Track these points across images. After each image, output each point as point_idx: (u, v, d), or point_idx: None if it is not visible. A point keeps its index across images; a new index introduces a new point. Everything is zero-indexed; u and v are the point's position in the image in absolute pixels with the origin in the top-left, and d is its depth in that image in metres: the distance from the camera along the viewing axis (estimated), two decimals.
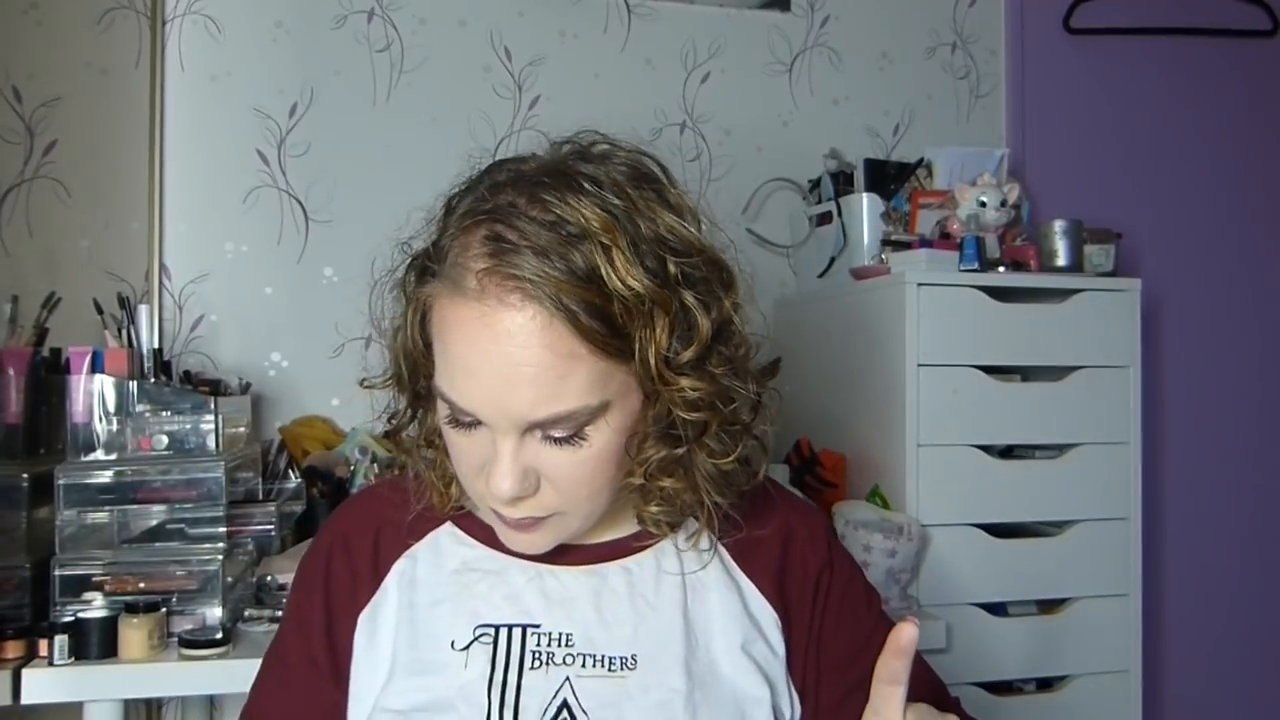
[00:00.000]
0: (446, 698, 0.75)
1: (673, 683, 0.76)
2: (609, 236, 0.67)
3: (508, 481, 0.70)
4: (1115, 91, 2.31)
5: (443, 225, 0.73)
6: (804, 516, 0.88)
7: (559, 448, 0.71)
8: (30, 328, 1.47)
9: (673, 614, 0.79)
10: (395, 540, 0.82)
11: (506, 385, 0.67)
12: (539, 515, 0.74)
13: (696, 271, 0.72)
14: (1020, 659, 1.67)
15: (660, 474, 0.75)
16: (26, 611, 1.28)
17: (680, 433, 0.74)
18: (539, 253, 0.66)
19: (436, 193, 0.77)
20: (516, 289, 0.66)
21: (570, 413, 0.69)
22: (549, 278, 0.65)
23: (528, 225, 0.67)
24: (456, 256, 0.69)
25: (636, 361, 0.69)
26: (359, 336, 1.93)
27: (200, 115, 1.91)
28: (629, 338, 0.68)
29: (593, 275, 0.66)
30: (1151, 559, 1.92)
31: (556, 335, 0.66)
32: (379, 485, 0.91)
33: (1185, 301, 2.31)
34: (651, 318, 0.68)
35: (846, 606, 0.86)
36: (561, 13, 2.07)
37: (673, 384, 0.71)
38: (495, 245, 0.67)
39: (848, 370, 1.80)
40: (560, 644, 0.77)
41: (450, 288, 0.69)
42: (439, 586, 0.80)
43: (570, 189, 0.68)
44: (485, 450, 0.72)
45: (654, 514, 0.79)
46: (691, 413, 0.72)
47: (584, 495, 0.74)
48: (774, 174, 2.14)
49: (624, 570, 0.81)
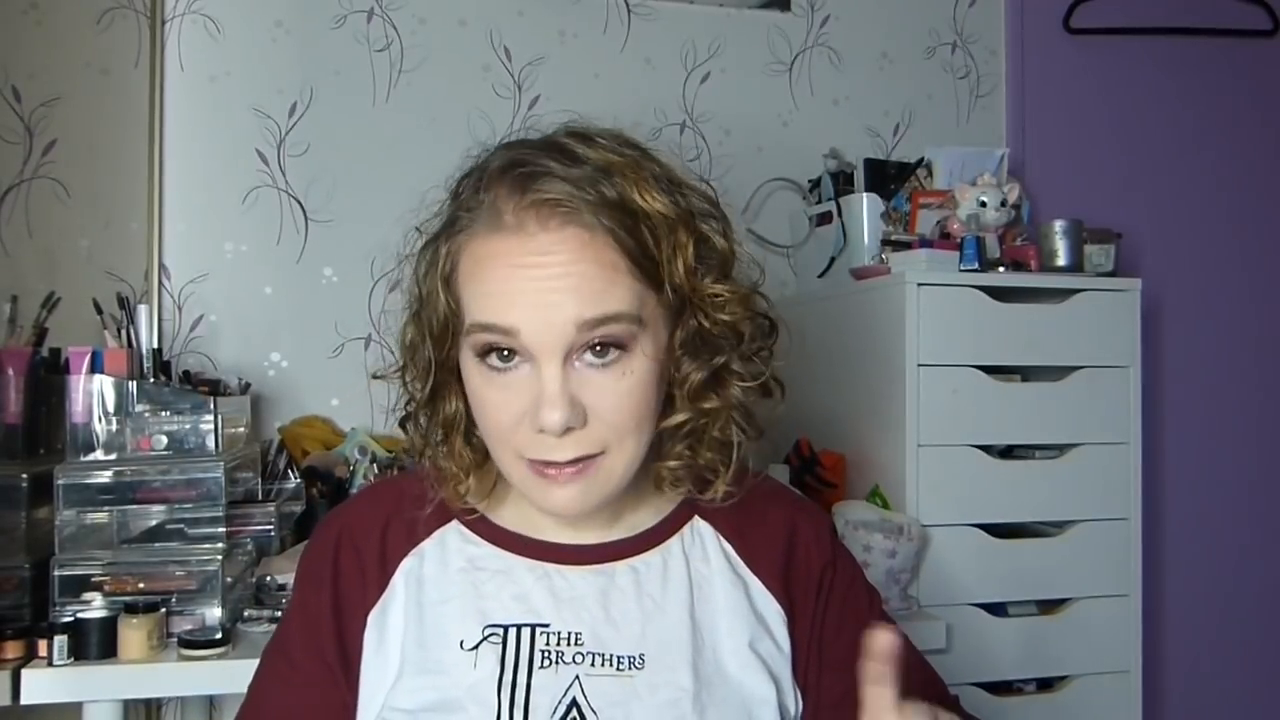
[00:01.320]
0: (456, 697, 0.75)
1: (680, 682, 0.76)
2: (631, 170, 0.73)
3: (558, 410, 0.70)
4: (1115, 91, 2.31)
5: (458, 194, 0.77)
6: (808, 515, 0.89)
7: (603, 372, 0.72)
8: (30, 328, 1.47)
9: (680, 614, 0.79)
10: (402, 537, 0.82)
11: (553, 297, 0.70)
12: (589, 453, 0.73)
13: (703, 205, 0.79)
14: (1020, 659, 1.66)
15: (701, 393, 0.78)
16: (26, 612, 1.28)
17: (713, 347, 0.78)
18: (572, 182, 0.71)
19: (437, 192, 0.78)
20: (554, 214, 0.71)
21: (616, 313, 0.71)
22: (585, 201, 0.71)
23: (556, 164, 0.72)
24: (489, 201, 0.73)
25: (667, 287, 0.74)
26: (359, 336, 1.93)
27: (200, 115, 1.91)
28: (658, 263, 0.73)
29: (623, 200, 0.72)
30: (1151, 559, 1.91)
31: (598, 249, 0.71)
32: (383, 483, 0.91)
33: (1185, 301, 2.31)
34: (677, 237, 0.74)
35: (848, 606, 0.86)
36: (561, 12, 2.07)
37: (703, 292, 0.76)
38: (528, 182, 0.72)
39: (848, 370, 1.80)
40: (570, 643, 0.77)
41: (485, 228, 0.72)
42: (447, 585, 0.80)
43: (584, 141, 0.75)
44: (524, 395, 0.72)
45: (674, 470, 0.80)
46: (726, 316, 0.77)
47: (631, 425, 0.74)
48: (774, 174, 2.14)
49: (631, 570, 0.81)
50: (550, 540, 0.82)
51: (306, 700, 0.80)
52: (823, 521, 0.90)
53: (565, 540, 0.82)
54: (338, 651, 0.79)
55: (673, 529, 0.84)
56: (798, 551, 0.85)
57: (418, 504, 0.82)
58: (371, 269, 1.92)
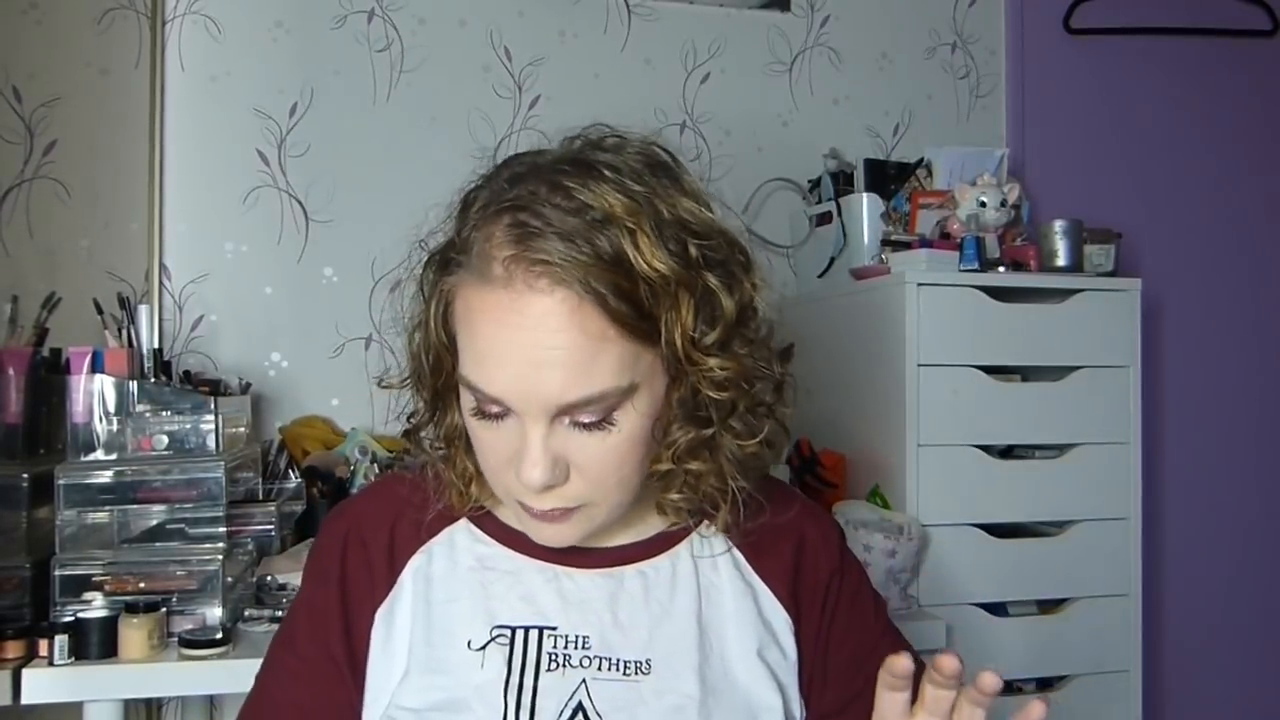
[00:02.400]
0: (462, 697, 0.75)
1: (686, 688, 0.76)
2: (633, 220, 0.68)
3: (539, 470, 0.69)
4: (1115, 91, 2.31)
5: (461, 219, 0.73)
6: (817, 521, 0.88)
7: (588, 433, 0.70)
8: (30, 328, 1.47)
9: (687, 619, 0.79)
10: (411, 535, 0.81)
11: (536, 369, 0.67)
12: (568, 506, 0.73)
13: (716, 254, 0.72)
14: (1020, 659, 1.66)
15: (688, 457, 0.75)
16: (26, 611, 1.28)
17: (706, 414, 0.74)
18: (565, 237, 0.66)
19: (437, 192, 0.77)
20: (544, 274, 0.66)
21: (601, 394, 0.68)
22: (577, 261, 0.66)
23: (552, 212, 0.67)
24: (480, 246, 0.69)
25: (663, 344, 0.70)
26: (359, 336, 1.93)
27: (200, 115, 1.91)
28: (655, 320, 0.69)
29: (619, 258, 0.67)
30: (1151, 559, 1.92)
31: (586, 317, 0.67)
32: (390, 479, 0.90)
33: (1185, 301, 2.31)
34: (677, 299, 0.69)
35: (855, 614, 0.86)
36: (561, 13, 2.07)
37: (700, 364, 0.71)
38: (520, 232, 0.67)
39: (848, 370, 1.80)
40: (577, 646, 0.76)
41: (475, 277, 0.69)
42: (455, 584, 0.79)
43: (591, 176, 0.69)
44: (512, 441, 0.71)
45: (675, 501, 0.79)
46: (719, 392, 0.73)
47: (613, 483, 0.73)
48: (774, 174, 2.14)
49: (640, 574, 0.81)
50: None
51: (312, 695, 0.79)
52: (832, 529, 0.89)
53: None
54: (345, 648, 0.79)
55: (682, 534, 0.83)
56: (806, 559, 0.85)
57: (425, 501, 0.82)
58: (372, 269, 1.92)
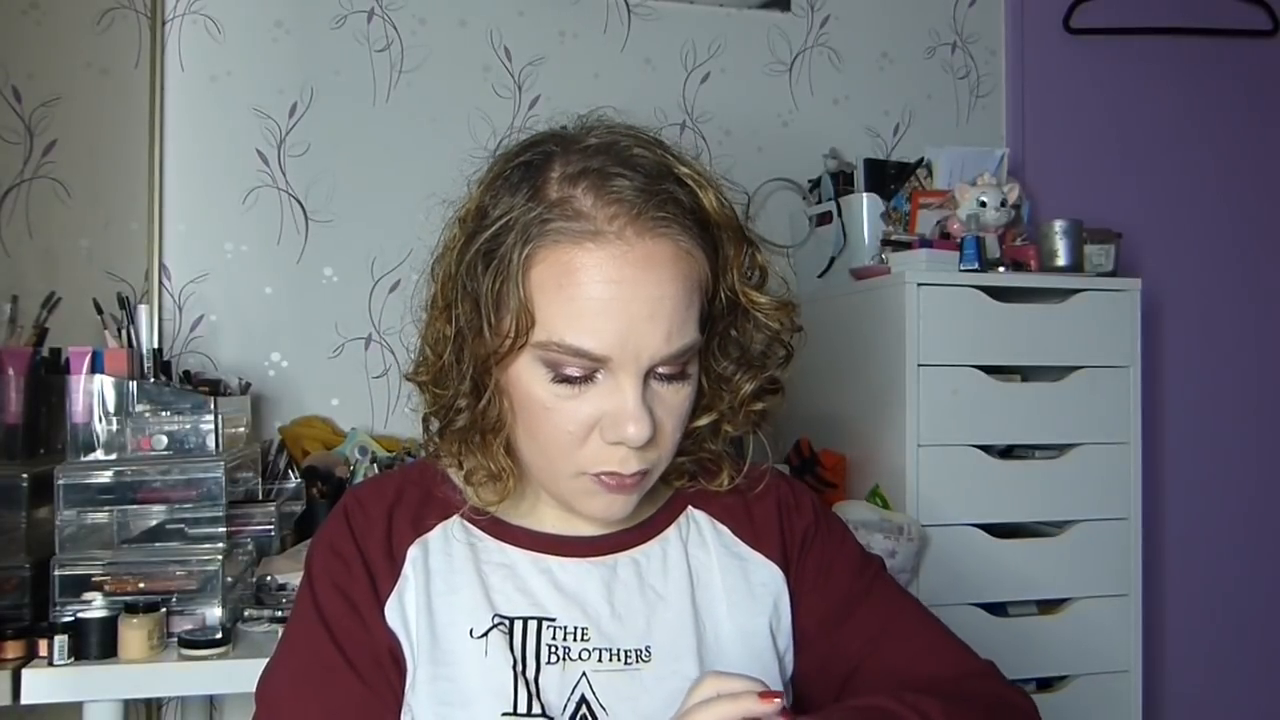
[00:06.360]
0: (470, 688, 0.75)
1: (686, 672, 0.77)
2: (703, 177, 0.75)
3: (645, 424, 0.71)
4: (1115, 91, 2.31)
5: (535, 187, 0.72)
6: (790, 484, 0.91)
7: (668, 385, 0.74)
8: (30, 328, 1.47)
9: (682, 603, 0.80)
10: (407, 526, 0.81)
11: (648, 320, 0.70)
12: (645, 468, 0.75)
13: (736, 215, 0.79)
14: (1020, 659, 1.66)
15: (703, 412, 0.80)
16: (26, 611, 1.28)
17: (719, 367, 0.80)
18: (662, 193, 0.71)
19: (437, 192, 0.77)
20: (654, 227, 0.70)
21: (693, 343, 0.73)
22: (675, 214, 0.71)
23: (645, 172, 0.72)
24: (580, 205, 0.71)
25: (724, 286, 0.76)
26: (359, 336, 1.93)
27: (200, 115, 1.91)
28: (719, 272, 0.75)
29: (698, 209, 0.73)
30: (1151, 559, 1.92)
31: (691, 265, 0.72)
32: (389, 477, 0.88)
33: (1185, 301, 2.31)
34: (739, 245, 0.76)
35: (838, 563, 0.87)
36: (561, 12, 2.07)
37: (758, 303, 0.78)
38: (627, 188, 0.71)
39: (848, 370, 1.80)
40: (577, 638, 0.77)
41: (573, 237, 0.70)
42: (452, 577, 0.79)
43: (658, 143, 0.76)
44: (600, 405, 0.72)
45: (679, 463, 0.82)
46: (773, 324, 0.79)
47: (675, 440, 0.76)
48: (774, 174, 2.14)
49: (633, 562, 0.82)
50: (551, 532, 0.82)
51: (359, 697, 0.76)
52: (804, 491, 0.92)
53: (566, 532, 0.82)
54: (370, 649, 0.77)
55: (669, 519, 0.85)
56: (786, 516, 0.87)
57: (422, 495, 0.82)
58: (372, 269, 1.92)
